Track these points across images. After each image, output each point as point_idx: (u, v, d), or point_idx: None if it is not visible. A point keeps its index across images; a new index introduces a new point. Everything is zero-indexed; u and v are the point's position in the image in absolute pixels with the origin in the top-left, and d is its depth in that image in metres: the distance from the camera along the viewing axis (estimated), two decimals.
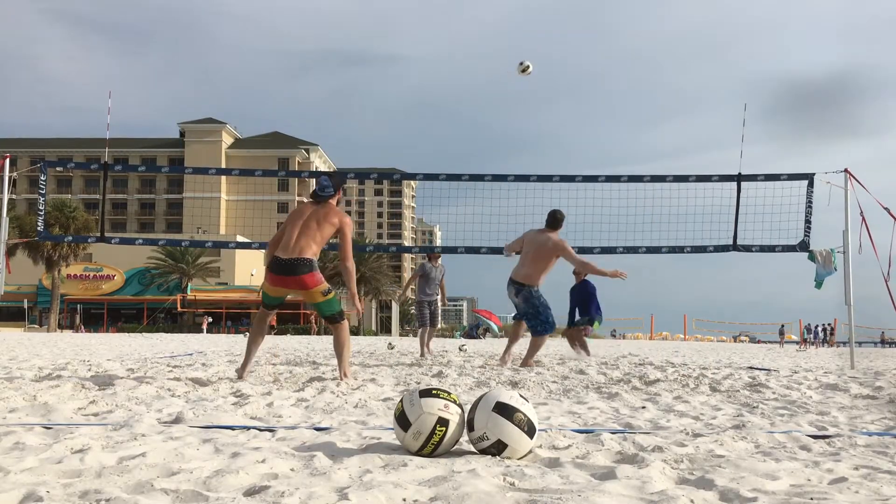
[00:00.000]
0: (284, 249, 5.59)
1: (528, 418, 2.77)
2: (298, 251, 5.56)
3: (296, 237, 5.62)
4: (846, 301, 9.30)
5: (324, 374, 6.91)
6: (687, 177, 9.27)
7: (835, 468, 2.60)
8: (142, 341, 22.29)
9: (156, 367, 7.53)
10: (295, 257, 5.55)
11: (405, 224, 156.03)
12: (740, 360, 12.62)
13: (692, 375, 7.32)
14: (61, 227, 50.85)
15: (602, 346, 23.71)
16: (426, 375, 6.91)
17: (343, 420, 3.74)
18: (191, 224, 77.94)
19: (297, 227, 5.66)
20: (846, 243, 9.35)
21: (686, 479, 2.42)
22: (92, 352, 12.44)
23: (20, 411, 3.82)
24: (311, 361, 9.31)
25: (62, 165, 12.14)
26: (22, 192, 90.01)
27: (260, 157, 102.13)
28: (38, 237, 10.06)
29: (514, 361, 8.56)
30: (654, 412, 4.26)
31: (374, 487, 2.16)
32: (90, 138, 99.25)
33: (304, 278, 5.56)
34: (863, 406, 4.70)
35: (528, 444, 2.76)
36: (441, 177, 9.54)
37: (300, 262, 5.54)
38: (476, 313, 55.42)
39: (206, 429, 3.32)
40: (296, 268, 5.53)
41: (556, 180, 9.27)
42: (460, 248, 9.78)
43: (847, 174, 9.34)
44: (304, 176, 11.02)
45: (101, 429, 3.23)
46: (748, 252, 9.33)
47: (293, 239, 5.62)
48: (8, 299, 52.79)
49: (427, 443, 2.74)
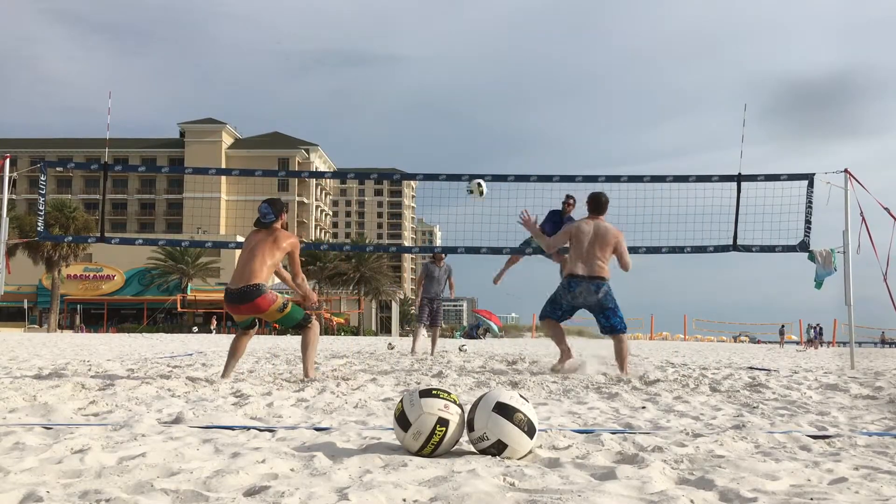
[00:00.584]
0: (234, 280, 5.86)
1: (528, 418, 2.77)
2: (246, 279, 5.80)
3: (243, 265, 5.88)
4: (846, 301, 9.30)
5: (324, 374, 6.91)
6: (687, 177, 9.26)
7: (835, 468, 2.60)
8: (142, 341, 22.30)
9: (156, 367, 7.53)
10: (243, 286, 5.79)
11: (405, 224, 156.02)
12: (740, 361, 12.62)
13: (692, 375, 7.32)
14: (61, 227, 50.83)
15: (603, 346, 23.70)
16: (426, 375, 6.91)
17: (343, 420, 3.74)
18: (191, 224, 77.89)
19: (245, 253, 5.95)
20: (846, 243, 9.35)
21: (686, 479, 2.42)
22: (92, 352, 12.44)
23: (20, 411, 3.82)
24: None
25: (62, 165, 12.14)
26: (22, 192, 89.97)
27: (260, 157, 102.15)
28: (38, 237, 10.06)
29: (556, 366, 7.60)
30: (654, 412, 4.26)
31: (374, 487, 2.16)
32: (90, 138, 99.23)
33: (256, 303, 5.80)
34: (863, 406, 4.70)
35: (528, 444, 2.76)
36: (441, 177, 9.54)
37: (248, 290, 5.78)
38: (476, 313, 55.41)
39: (206, 429, 3.32)
40: (245, 296, 5.78)
41: (556, 180, 9.26)
42: (460, 248, 9.78)
43: (847, 174, 9.34)
44: (304, 176, 11.03)
45: (101, 429, 3.23)
46: (748, 252, 9.32)
47: (241, 266, 5.89)
48: (8, 299, 52.77)
49: (427, 443, 2.74)
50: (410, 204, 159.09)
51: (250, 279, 5.80)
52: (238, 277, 5.85)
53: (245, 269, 5.84)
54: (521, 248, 9.64)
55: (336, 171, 68.62)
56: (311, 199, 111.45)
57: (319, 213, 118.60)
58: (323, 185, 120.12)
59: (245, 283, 5.80)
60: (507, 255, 9.61)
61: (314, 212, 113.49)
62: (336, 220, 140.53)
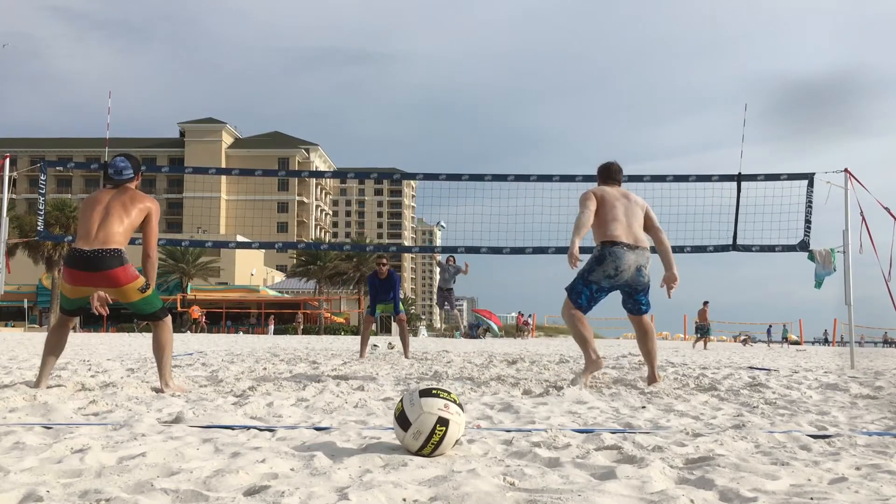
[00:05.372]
0: (85, 239, 4.72)
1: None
2: (102, 240, 4.70)
3: (98, 224, 4.76)
4: (846, 301, 9.30)
5: (324, 374, 6.91)
6: (687, 177, 9.27)
7: (835, 468, 2.59)
8: (142, 341, 22.29)
9: (156, 367, 7.52)
10: (98, 248, 4.68)
11: (405, 224, 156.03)
12: (740, 360, 12.62)
13: (692, 375, 7.32)
14: (61, 227, 50.80)
15: (602, 346, 23.71)
16: (426, 375, 6.91)
17: (343, 420, 3.74)
18: (191, 224, 77.97)
19: (98, 213, 4.80)
20: (846, 243, 9.35)
21: (686, 479, 2.42)
22: (92, 352, 12.43)
23: (20, 411, 3.82)
24: (311, 361, 9.32)
25: (62, 165, 12.09)
26: (22, 192, 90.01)
27: (260, 157, 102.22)
28: (38, 237, 10.05)
29: None
30: (654, 412, 4.26)
31: (374, 487, 2.16)
32: (90, 138, 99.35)
33: (113, 273, 4.69)
34: (863, 406, 4.70)
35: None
36: (441, 177, 9.54)
37: (106, 255, 4.67)
38: (476, 313, 55.34)
39: (206, 429, 3.32)
40: (101, 261, 4.66)
41: (557, 180, 9.26)
42: (460, 248, 9.78)
43: (847, 174, 9.35)
44: (304, 175, 11.03)
45: (101, 429, 3.23)
46: (748, 252, 9.32)
47: (94, 226, 4.75)
48: (8, 299, 52.76)
49: (427, 443, 2.74)
50: (410, 204, 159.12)
51: (108, 241, 4.69)
52: (91, 237, 4.71)
53: (101, 230, 4.73)
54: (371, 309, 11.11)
55: (336, 171, 68.51)
56: (311, 198, 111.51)
57: (319, 212, 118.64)
58: (323, 184, 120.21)
59: (102, 245, 4.69)
60: (507, 254, 9.61)
61: (314, 211, 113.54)
62: (336, 220, 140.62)
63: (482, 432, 3.32)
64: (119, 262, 4.70)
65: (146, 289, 4.85)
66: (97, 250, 4.67)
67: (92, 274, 4.68)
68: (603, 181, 6.15)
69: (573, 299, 5.86)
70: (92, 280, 4.71)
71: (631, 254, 5.70)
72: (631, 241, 5.73)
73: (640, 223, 5.88)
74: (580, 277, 5.85)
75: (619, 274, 5.71)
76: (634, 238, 5.77)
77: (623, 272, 5.71)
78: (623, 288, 5.86)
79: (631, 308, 5.99)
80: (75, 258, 4.70)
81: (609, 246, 5.71)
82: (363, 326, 11.50)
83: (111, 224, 4.75)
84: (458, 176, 9.45)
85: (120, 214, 4.79)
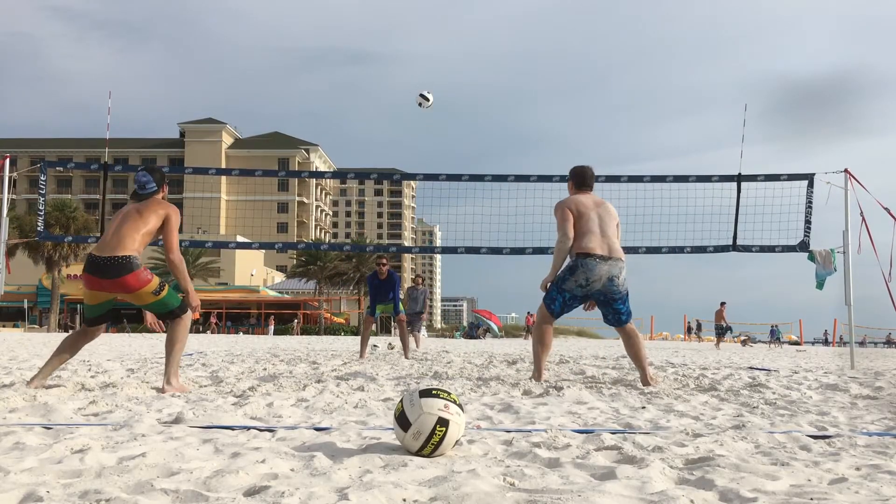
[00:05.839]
0: (101, 247, 4.91)
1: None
2: (114, 247, 4.85)
3: (112, 231, 4.94)
4: (846, 301, 9.30)
5: (324, 373, 6.91)
6: (687, 177, 9.27)
7: (835, 468, 2.59)
8: (142, 341, 22.28)
9: (156, 367, 7.53)
10: (110, 255, 4.83)
11: (405, 224, 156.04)
12: (740, 360, 12.62)
13: (692, 376, 7.32)
14: (61, 227, 50.83)
15: (602, 347, 23.70)
16: (426, 375, 6.91)
17: (343, 420, 3.74)
18: (191, 224, 77.91)
19: (116, 221, 5.02)
20: (846, 243, 9.35)
21: (686, 479, 2.42)
22: (92, 352, 12.43)
23: (20, 411, 3.82)
24: (311, 361, 9.32)
25: (62, 165, 12.13)
26: (22, 192, 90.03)
27: (260, 157, 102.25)
28: (38, 237, 10.05)
29: None
30: (654, 412, 4.26)
31: (374, 487, 2.16)
32: (90, 138, 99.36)
33: (125, 280, 4.83)
34: (863, 406, 4.70)
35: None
36: (441, 177, 9.54)
37: (117, 262, 4.81)
38: (476, 313, 55.39)
39: (206, 429, 3.32)
40: (111, 269, 4.81)
41: (556, 180, 9.26)
42: (460, 248, 9.78)
43: (847, 174, 9.34)
44: (304, 176, 11.02)
45: (101, 429, 3.23)
46: (748, 252, 9.33)
47: (110, 233, 4.95)
48: (8, 299, 52.78)
49: (427, 443, 2.74)
50: (410, 204, 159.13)
51: (120, 248, 4.84)
52: (106, 245, 4.90)
53: (115, 236, 4.90)
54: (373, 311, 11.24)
55: (336, 171, 68.47)
56: (311, 199, 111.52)
57: (319, 213, 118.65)
58: (323, 185, 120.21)
59: (113, 252, 4.84)
60: (507, 255, 9.61)
61: (314, 212, 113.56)
62: (336, 220, 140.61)
63: (482, 432, 3.32)
64: (129, 269, 4.84)
65: (160, 290, 4.98)
66: (109, 257, 4.85)
67: (104, 280, 4.86)
68: (576, 187, 6.28)
69: (547, 304, 6.14)
70: (103, 286, 4.89)
71: (604, 265, 5.91)
72: (605, 253, 5.93)
73: (613, 231, 6.07)
74: (554, 285, 6.13)
75: (590, 284, 5.95)
76: (609, 248, 5.96)
77: (594, 283, 5.93)
78: (597, 297, 6.07)
79: (612, 321, 6.20)
80: (90, 264, 4.90)
81: (583, 258, 5.93)
82: (363, 327, 11.50)
83: (125, 230, 4.93)
84: (458, 176, 9.45)
85: (135, 220, 4.97)
